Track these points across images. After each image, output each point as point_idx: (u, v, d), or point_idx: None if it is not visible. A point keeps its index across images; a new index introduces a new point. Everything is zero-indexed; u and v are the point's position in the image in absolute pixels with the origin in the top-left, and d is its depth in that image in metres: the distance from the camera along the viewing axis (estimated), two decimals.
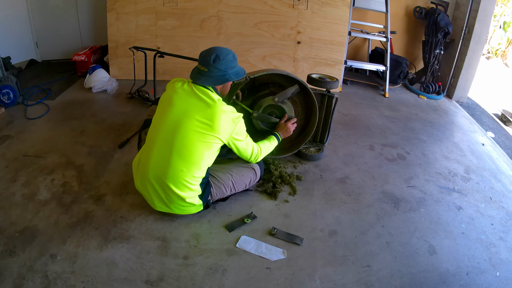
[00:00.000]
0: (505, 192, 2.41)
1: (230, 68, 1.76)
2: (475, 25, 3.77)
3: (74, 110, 3.12)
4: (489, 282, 1.69)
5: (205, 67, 1.72)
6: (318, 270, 1.67)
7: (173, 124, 1.72)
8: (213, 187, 1.91)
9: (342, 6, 3.76)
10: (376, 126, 3.20)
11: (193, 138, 1.69)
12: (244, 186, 2.06)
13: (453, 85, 4.12)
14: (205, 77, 1.73)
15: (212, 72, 1.72)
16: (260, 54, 3.89)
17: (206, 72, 1.72)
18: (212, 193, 1.92)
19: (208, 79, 1.73)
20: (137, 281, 1.55)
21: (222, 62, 1.72)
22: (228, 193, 2.00)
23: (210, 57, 1.71)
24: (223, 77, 1.75)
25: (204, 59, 1.73)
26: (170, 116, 1.74)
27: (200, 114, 1.69)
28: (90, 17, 4.40)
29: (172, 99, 1.76)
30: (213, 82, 1.75)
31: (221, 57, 1.71)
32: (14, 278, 1.51)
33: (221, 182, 1.94)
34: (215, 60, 1.71)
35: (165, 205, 1.83)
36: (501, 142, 3.39)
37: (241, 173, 2.01)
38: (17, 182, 2.12)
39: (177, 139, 1.70)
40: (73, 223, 1.84)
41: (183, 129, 1.69)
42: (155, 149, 1.76)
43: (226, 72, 1.75)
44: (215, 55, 1.71)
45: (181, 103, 1.74)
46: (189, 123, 1.69)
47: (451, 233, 1.98)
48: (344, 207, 2.11)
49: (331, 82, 2.42)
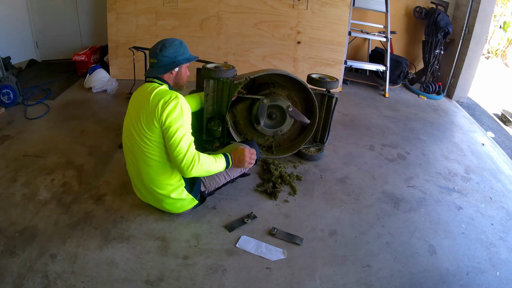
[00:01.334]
0: (505, 192, 2.41)
1: (179, 55, 1.76)
2: (475, 25, 3.78)
3: (74, 110, 3.12)
4: (489, 282, 1.69)
5: (154, 58, 1.74)
6: (318, 270, 1.67)
7: (126, 131, 1.76)
8: (205, 177, 1.88)
9: (342, 6, 3.76)
10: (376, 126, 3.20)
11: (139, 138, 1.67)
12: (238, 171, 2.00)
13: (453, 85, 4.12)
14: (155, 68, 1.75)
15: (160, 61, 1.73)
16: (260, 54, 3.89)
17: (155, 63, 1.74)
18: (205, 184, 1.90)
19: (159, 69, 1.75)
20: (137, 281, 1.55)
21: (169, 49, 1.73)
22: (222, 181, 1.96)
23: (156, 48, 1.74)
24: (173, 64, 1.75)
25: (152, 51, 1.76)
26: (124, 126, 1.79)
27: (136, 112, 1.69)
28: (90, 17, 4.40)
29: (128, 106, 1.80)
30: (163, 70, 1.75)
31: (166, 44, 1.74)
32: (14, 278, 1.51)
33: None
34: (161, 49, 1.73)
35: (160, 205, 1.85)
36: (501, 142, 3.39)
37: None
38: (17, 182, 2.12)
39: (133, 145, 1.72)
40: (73, 223, 1.84)
41: (132, 133, 1.70)
42: (127, 160, 1.82)
43: (175, 59, 1.75)
44: (161, 45, 1.74)
45: (130, 109, 1.77)
46: (132, 127, 1.70)
47: (451, 233, 1.98)
48: (344, 207, 2.11)
49: (331, 82, 2.42)
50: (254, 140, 2.29)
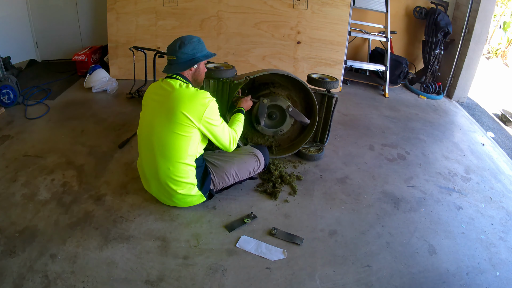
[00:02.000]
0: (505, 192, 2.41)
1: (198, 51, 1.78)
2: (475, 25, 3.78)
3: (74, 110, 3.12)
4: (489, 282, 1.69)
5: (173, 56, 1.76)
6: (318, 270, 1.67)
7: (148, 126, 1.78)
8: (215, 176, 1.93)
9: (342, 6, 3.76)
10: (376, 126, 3.20)
11: (166, 135, 1.72)
12: (247, 174, 2.05)
13: (453, 85, 4.12)
14: (174, 65, 1.77)
15: (180, 58, 1.75)
16: (260, 54, 3.89)
17: (175, 60, 1.76)
18: (214, 182, 1.94)
19: (178, 66, 1.77)
20: (137, 281, 1.54)
21: (188, 46, 1.75)
22: (231, 181, 2.00)
23: (175, 44, 1.76)
24: (192, 61, 1.77)
25: (171, 48, 1.77)
26: (145, 119, 1.81)
27: (164, 106, 1.71)
28: (90, 17, 4.40)
29: (146, 100, 1.83)
30: (183, 67, 1.77)
31: (185, 42, 1.75)
32: (14, 278, 1.51)
33: (223, 170, 1.95)
34: (180, 46, 1.74)
35: (169, 200, 1.90)
36: (501, 142, 3.39)
37: (243, 160, 2.01)
38: (17, 182, 2.12)
39: (155, 140, 1.74)
40: (73, 223, 1.84)
41: (156, 128, 1.73)
42: (143, 153, 1.85)
43: (195, 55, 1.77)
44: (180, 42, 1.76)
45: (151, 103, 1.79)
46: (158, 121, 1.72)
47: (451, 233, 1.98)
48: (344, 207, 2.11)
49: (331, 82, 2.42)
50: (265, 146, 2.30)
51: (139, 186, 2.09)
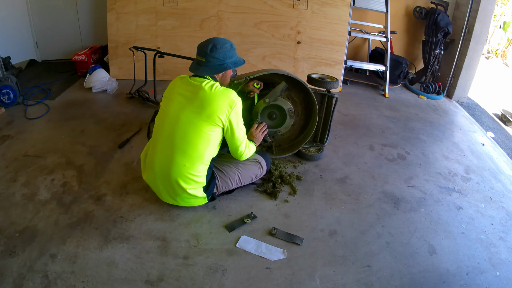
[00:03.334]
0: (505, 192, 2.41)
1: (228, 58, 1.77)
2: (475, 25, 3.77)
3: (74, 110, 3.12)
4: (489, 282, 1.69)
5: (203, 57, 1.74)
6: (318, 270, 1.67)
7: (172, 120, 1.76)
8: (219, 180, 1.94)
9: (342, 6, 3.76)
10: (376, 126, 3.20)
11: (191, 131, 1.71)
12: (250, 179, 2.07)
13: (453, 85, 4.12)
14: (203, 67, 1.75)
15: (210, 62, 1.73)
16: (260, 54, 3.89)
17: (204, 62, 1.74)
18: (218, 186, 1.95)
19: (207, 69, 1.75)
20: (137, 281, 1.55)
21: (220, 51, 1.73)
22: (233, 186, 2.02)
23: (207, 47, 1.73)
24: (221, 66, 1.76)
25: (202, 49, 1.75)
26: (169, 112, 1.78)
27: (193, 103, 1.71)
28: (90, 17, 4.40)
29: (171, 94, 1.81)
30: (211, 71, 1.76)
31: (218, 46, 1.73)
32: (14, 278, 1.51)
33: (227, 175, 1.97)
34: (212, 50, 1.72)
35: (172, 198, 1.88)
36: (501, 142, 3.39)
37: (247, 167, 2.03)
38: (17, 182, 2.12)
39: (177, 135, 1.73)
40: (73, 223, 1.84)
41: (181, 123, 1.72)
42: (159, 146, 1.81)
43: (224, 61, 1.76)
44: (212, 45, 1.73)
45: (178, 98, 1.77)
46: (185, 116, 1.72)
47: (451, 233, 1.98)
48: (344, 207, 2.11)
49: (331, 82, 2.42)
50: (266, 152, 2.30)
51: (139, 186, 2.09)
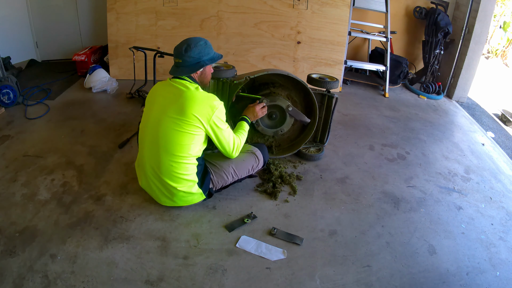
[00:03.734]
0: (505, 192, 2.41)
1: (204, 55, 1.79)
2: (475, 25, 3.78)
3: (74, 110, 3.12)
4: (489, 282, 1.69)
5: (179, 58, 1.77)
6: (318, 270, 1.67)
7: (155, 122, 1.78)
8: (214, 174, 1.95)
9: (342, 6, 3.76)
10: (376, 126, 3.20)
11: (173, 131, 1.73)
12: (246, 172, 2.06)
13: (453, 85, 4.12)
14: (181, 68, 1.78)
15: (186, 61, 1.76)
16: (260, 54, 3.89)
17: (181, 63, 1.77)
18: (214, 181, 1.95)
19: (184, 69, 1.78)
20: (137, 281, 1.55)
21: (194, 50, 1.75)
22: (230, 180, 2.02)
23: (182, 48, 1.76)
24: (198, 64, 1.78)
25: (177, 51, 1.78)
26: (151, 115, 1.81)
27: (174, 105, 1.73)
28: (90, 17, 4.40)
29: (153, 98, 1.85)
30: (189, 70, 1.78)
31: (192, 45, 1.76)
32: (14, 278, 1.51)
33: (221, 169, 1.97)
34: (186, 50, 1.75)
35: (169, 199, 1.89)
36: (501, 142, 3.39)
37: (241, 158, 2.02)
38: (17, 182, 2.12)
39: (160, 135, 1.76)
40: (73, 223, 1.84)
41: (163, 124, 1.74)
42: (146, 148, 1.84)
43: (200, 59, 1.78)
44: (186, 45, 1.76)
45: (160, 100, 1.80)
46: (167, 117, 1.74)
47: (451, 233, 1.98)
48: (344, 207, 2.11)
49: (331, 82, 2.42)
50: (263, 144, 2.29)
51: (139, 186, 2.09)
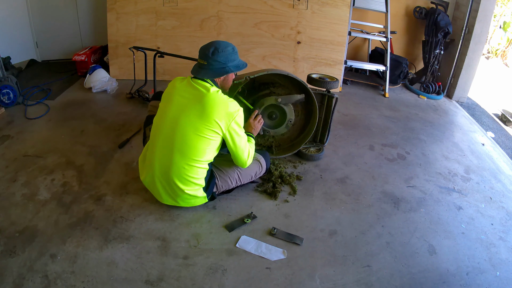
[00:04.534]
0: (505, 192, 2.41)
1: (230, 61, 1.76)
2: (475, 25, 3.77)
3: (74, 110, 3.12)
4: (489, 282, 1.69)
5: (205, 61, 1.73)
6: (318, 270, 1.67)
7: (172, 121, 1.74)
8: (219, 179, 1.95)
9: (342, 6, 3.76)
10: (376, 126, 3.20)
11: (191, 134, 1.71)
12: (250, 178, 2.07)
13: (453, 85, 4.12)
14: (204, 70, 1.74)
15: (211, 65, 1.73)
16: (260, 54, 3.89)
17: (205, 65, 1.73)
18: (218, 185, 1.95)
19: (208, 72, 1.74)
20: (137, 281, 1.55)
21: (221, 55, 1.72)
22: (233, 185, 2.02)
23: (209, 50, 1.72)
24: (223, 70, 1.75)
25: (203, 52, 1.74)
26: (169, 113, 1.77)
27: (195, 107, 1.70)
28: (90, 17, 4.39)
29: (171, 95, 1.80)
30: (212, 74, 1.75)
31: (219, 49, 1.72)
32: (14, 278, 1.51)
33: (227, 174, 1.97)
34: (214, 53, 1.71)
35: (172, 199, 1.88)
36: (501, 142, 3.39)
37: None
38: (17, 182, 2.12)
39: (177, 136, 1.73)
40: (73, 223, 1.84)
41: (181, 125, 1.71)
42: (158, 147, 1.80)
43: (226, 65, 1.75)
44: (213, 48, 1.72)
45: (179, 99, 1.76)
46: (186, 119, 1.71)
47: (451, 233, 1.98)
48: (344, 207, 2.11)
49: (331, 82, 2.42)
50: (266, 151, 2.29)
51: (139, 186, 2.09)
